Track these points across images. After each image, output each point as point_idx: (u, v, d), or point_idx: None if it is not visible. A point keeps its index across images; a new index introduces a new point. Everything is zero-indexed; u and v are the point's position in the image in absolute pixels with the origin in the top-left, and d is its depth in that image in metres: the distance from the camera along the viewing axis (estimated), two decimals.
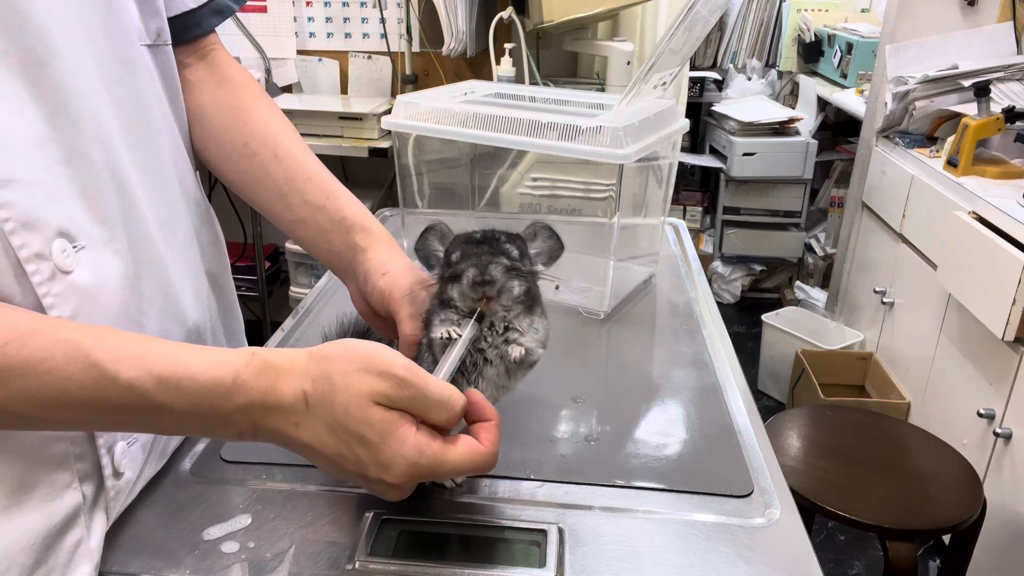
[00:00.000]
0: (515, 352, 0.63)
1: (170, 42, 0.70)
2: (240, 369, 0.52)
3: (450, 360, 0.60)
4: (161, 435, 0.65)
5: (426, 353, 0.65)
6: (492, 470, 0.56)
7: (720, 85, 4.00)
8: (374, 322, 0.76)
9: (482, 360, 0.64)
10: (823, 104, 3.43)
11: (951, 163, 2.21)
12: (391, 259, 0.73)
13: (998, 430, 1.81)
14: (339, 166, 2.79)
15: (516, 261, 0.62)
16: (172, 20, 0.71)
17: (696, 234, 3.70)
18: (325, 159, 0.81)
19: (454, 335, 0.61)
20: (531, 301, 0.64)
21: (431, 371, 0.64)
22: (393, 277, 0.70)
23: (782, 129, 3.33)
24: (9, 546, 0.51)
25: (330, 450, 0.53)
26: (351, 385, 0.52)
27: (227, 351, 0.54)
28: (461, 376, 0.63)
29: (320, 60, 2.73)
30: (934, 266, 2.19)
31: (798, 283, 3.37)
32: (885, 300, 2.52)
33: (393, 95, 2.71)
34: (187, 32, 0.74)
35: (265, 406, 0.52)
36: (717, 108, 3.52)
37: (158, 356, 0.51)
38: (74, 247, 0.54)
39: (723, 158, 3.45)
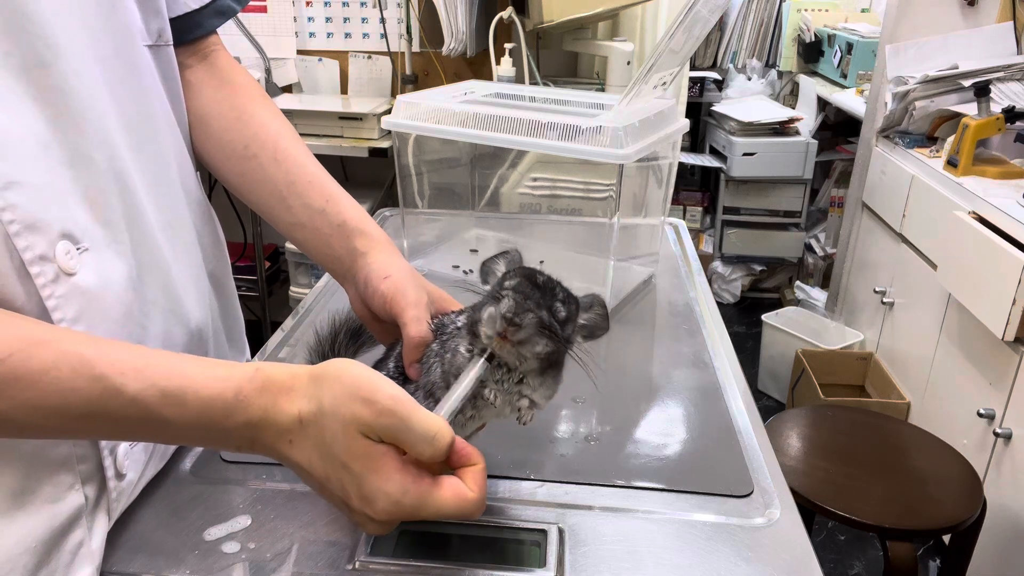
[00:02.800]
0: (526, 417, 0.62)
1: (171, 43, 0.70)
2: (243, 385, 0.52)
3: (454, 397, 0.58)
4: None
5: (435, 361, 0.65)
6: (478, 515, 0.55)
7: (720, 85, 3.99)
8: (373, 327, 0.75)
9: (489, 397, 0.61)
10: (823, 104, 3.43)
11: (951, 163, 2.21)
12: (392, 263, 0.72)
13: (998, 430, 1.81)
14: (339, 166, 2.79)
15: (558, 322, 0.59)
16: (173, 21, 0.71)
17: (696, 234, 3.70)
18: (325, 159, 0.81)
19: (463, 365, 0.60)
20: (551, 365, 0.61)
21: (436, 379, 0.63)
22: (395, 281, 0.70)
23: (782, 129, 3.33)
24: (12, 548, 0.51)
25: (319, 473, 0.53)
26: (338, 411, 0.51)
27: (232, 365, 0.53)
28: (468, 406, 0.61)
29: (320, 60, 2.73)
30: (934, 266, 2.19)
31: (798, 283, 3.37)
32: (885, 300, 2.52)
33: (393, 95, 2.71)
34: (188, 33, 0.74)
35: (264, 423, 0.52)
36: (717, 108, 3.52)
37: (163, 369, 0.50)
38: (78, 249, 0.54)
39: (723, 158, 3.45)
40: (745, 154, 3.28)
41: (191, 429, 0.52)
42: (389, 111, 1.14)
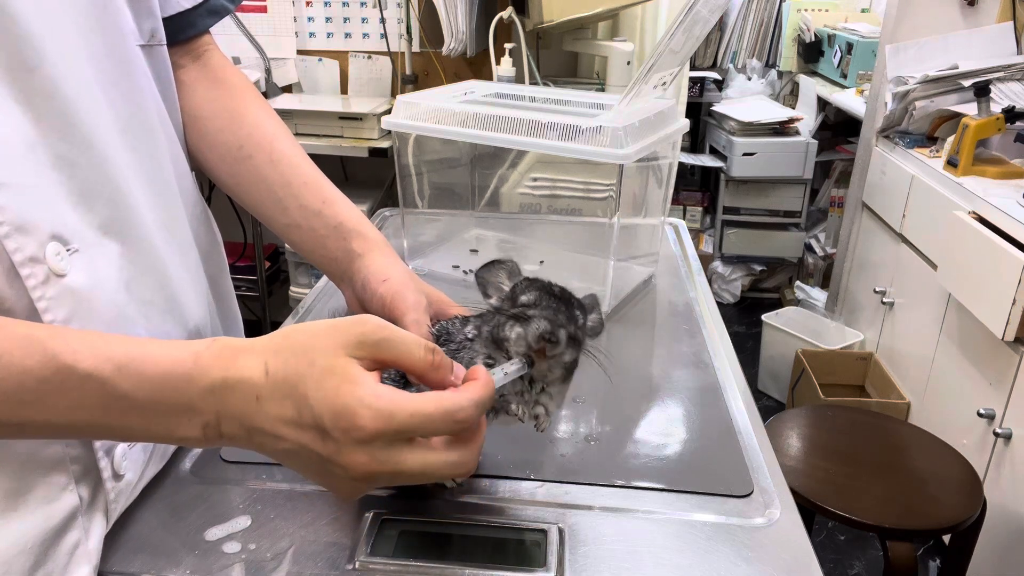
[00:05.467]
0: (544, 424, 0.63)
1: (164, 42, 0.70)
2: (200, 352, 0.51)
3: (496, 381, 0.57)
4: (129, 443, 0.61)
5: None
6: (468, 424, 0.51)
7: (720, 85, 4.00)
8: None
9: (518, 412, 0.62)
10: (823, 104, 3.42)
11: (951, 163, 2.21)
12: (390, 266, 0.72)
13: (998, 430, 1.81)
14: (339, 166, 2.79)
15: (579, 331, 0.61)
16: (166, 20, 0.70)
17: (696, 234, 3.70)
18: (325, 159, 0.81)
19: (506, 369, 0.59)
20: (570, 372, 0.63)
21: None
22: (393, 284, 0.70)
23: (782, 129, 3.33)
24: (7, 549, 0.51)
25: (288, 416, 0.49)
26: (318, 343, 0.50)
27: (189, 340, 0.53)
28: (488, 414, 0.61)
29: (320, 60, 2.73)
30: (934, 266, 2.19)
31: (798, 283, 3.37)
32: (885, 300, 2.52)
33: (393, 95, 2.71)
34: (181, 32, 0.74)
35: (226, 384, 0.50)
36: (717, 108, 3.52)
37: (118, 346, 0.49)
38: (68, 250, 0.53)
39: (723, 158, 3.45)
40: (745, 154, 3.28)
41: (152, 406, 0.49)
42: (389, 111, 1.14)
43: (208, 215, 0.80)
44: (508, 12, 2.23)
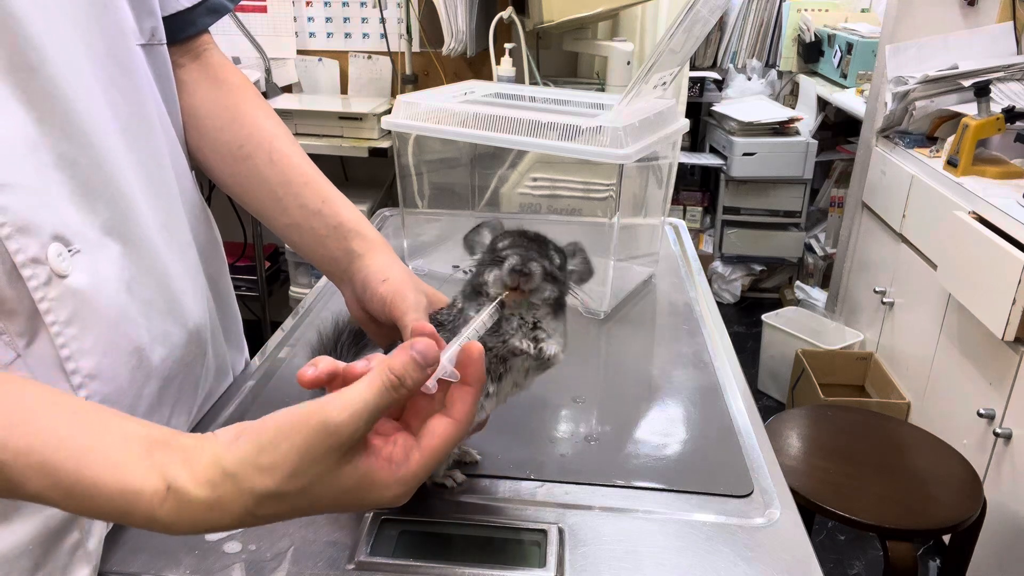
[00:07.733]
0: (551, 348, 0.63)
1: (165, 42, 0.70)
2: (155, 507, 0.44)
3: (465, 334, 0.57)
4: None
5: None
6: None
7: (720, 85, 3.99)
8: (370, 328, 0.75)
9: (506, 360, 0.62)
10: (823, 104, 3.43)
11: (951, 163, 2.21)
12: (389, 266, 0.72)
13: (998, 430, 1.81)
14: (339, 166, 2.79)
15: (557, 268, 0.63)
16: (166, 20, 0.70)
17: (696, 234, 3.70)
18: (325, 159, 0.81)
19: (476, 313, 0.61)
20: (558, 309, 0.65)
21: None
22: (393, 284, 0.70)
23: (782, 129, 3.33)
24: (8, 550, 0.51)
25: (303, 513, 0.48)
26: (317, 482, 0.46)
27: (149, 459, 0.45)
28: (498, 364, 0.62)
29: (320, 60, 2.73)
30: (934, 266, 2.19)
31: (798, 283, 3.38)
32: (885, 300, 2.52)
33: (393, 95, 2.71)
34: (180, 32, 0.74)
35: (196, 530, 0.46)
36: (717, 108, 3.52)
37: (69, 464, 0.44)
38: (69, 251, 0.53)
39: (723, 158, 3.45)
40: (745, 154, 3.29)
41: (113, 520, 0.47)
42: (389, 111, 1.14)
43: (208, 215, 0.80)
44: (508, 12, 2.23)
